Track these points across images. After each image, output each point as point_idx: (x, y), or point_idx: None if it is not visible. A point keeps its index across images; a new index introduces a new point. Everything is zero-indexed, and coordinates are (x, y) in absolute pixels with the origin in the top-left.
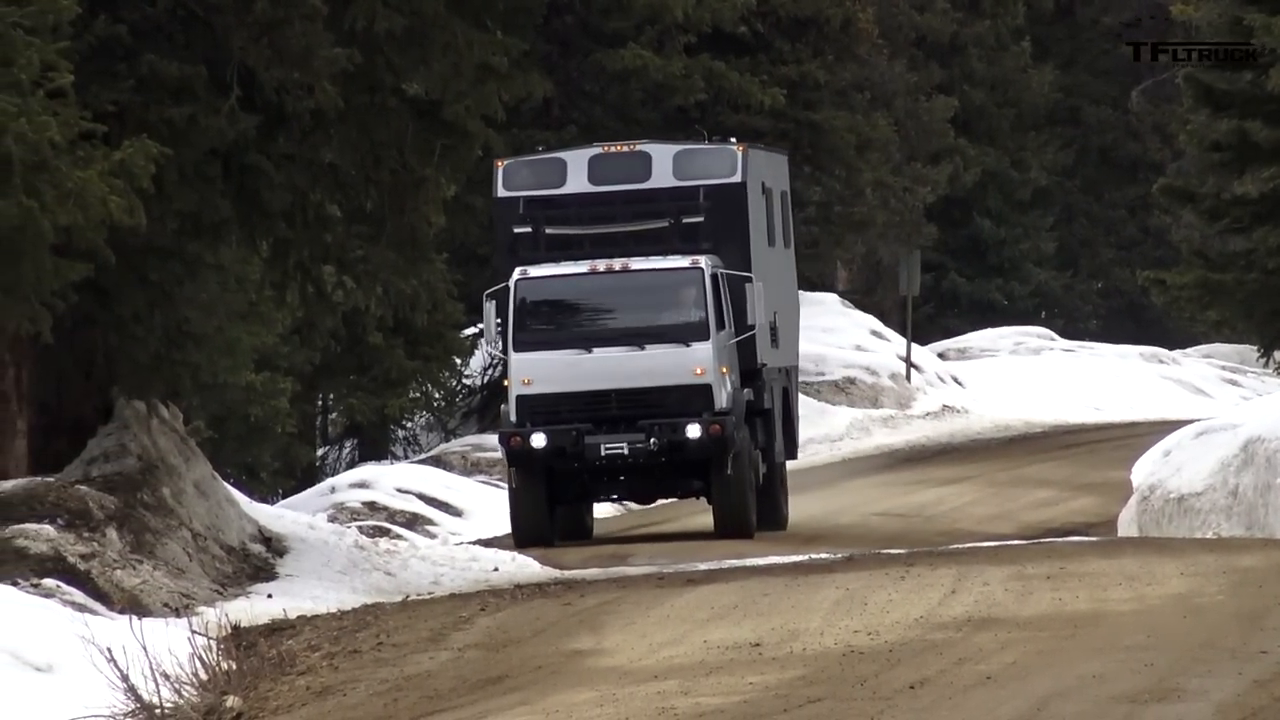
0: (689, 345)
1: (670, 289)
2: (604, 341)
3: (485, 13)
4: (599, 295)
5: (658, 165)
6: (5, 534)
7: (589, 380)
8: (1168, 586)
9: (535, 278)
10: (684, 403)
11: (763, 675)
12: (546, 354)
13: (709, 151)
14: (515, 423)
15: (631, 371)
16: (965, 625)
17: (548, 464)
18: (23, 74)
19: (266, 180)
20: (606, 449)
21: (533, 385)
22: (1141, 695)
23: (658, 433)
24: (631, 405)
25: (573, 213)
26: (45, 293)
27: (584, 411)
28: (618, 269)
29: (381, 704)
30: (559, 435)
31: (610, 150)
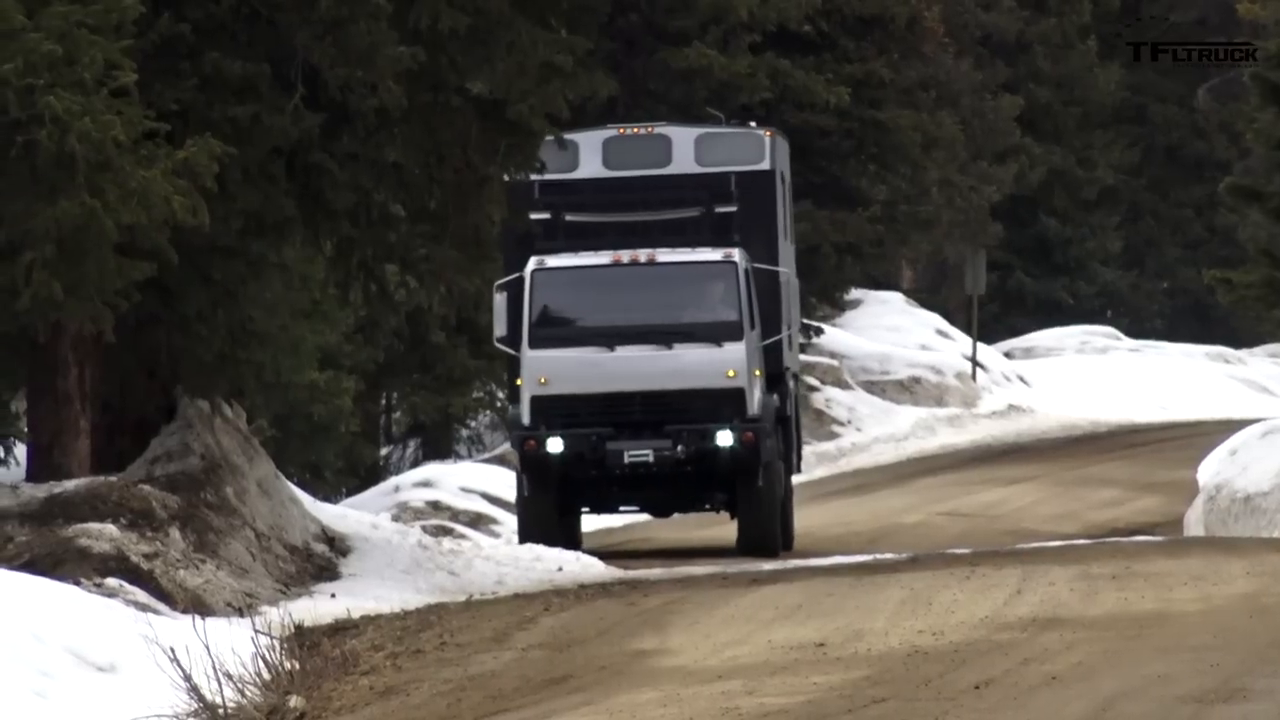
0: (721, 345)
1: (701, 284)
2: (628, 339)
3: (549, 11)
4: (623, 289)
5: (678, 149)
6: (68, 533)
7: (611, 381)
8: (1234, 586)
9: (553, 268)
10: (714, 408)
11: (827, 675)
12: (565, 351)
13: (734, 136)
14: (529, 425)
15: (657, 372)
16: (1031, 625)
17: (563, 471)
18: (86, 73)
19: (330, 179)
20: (630, 456)
21: (549, 385)
22: (1207, 696)
23: (685, 439)
24: (656, 409)
25: (588, 199)
26: (108, 292)
27: (605, 415)
28: (643, 261)
29: (445, 704)
30: (578, 440)
31: (626, 132)
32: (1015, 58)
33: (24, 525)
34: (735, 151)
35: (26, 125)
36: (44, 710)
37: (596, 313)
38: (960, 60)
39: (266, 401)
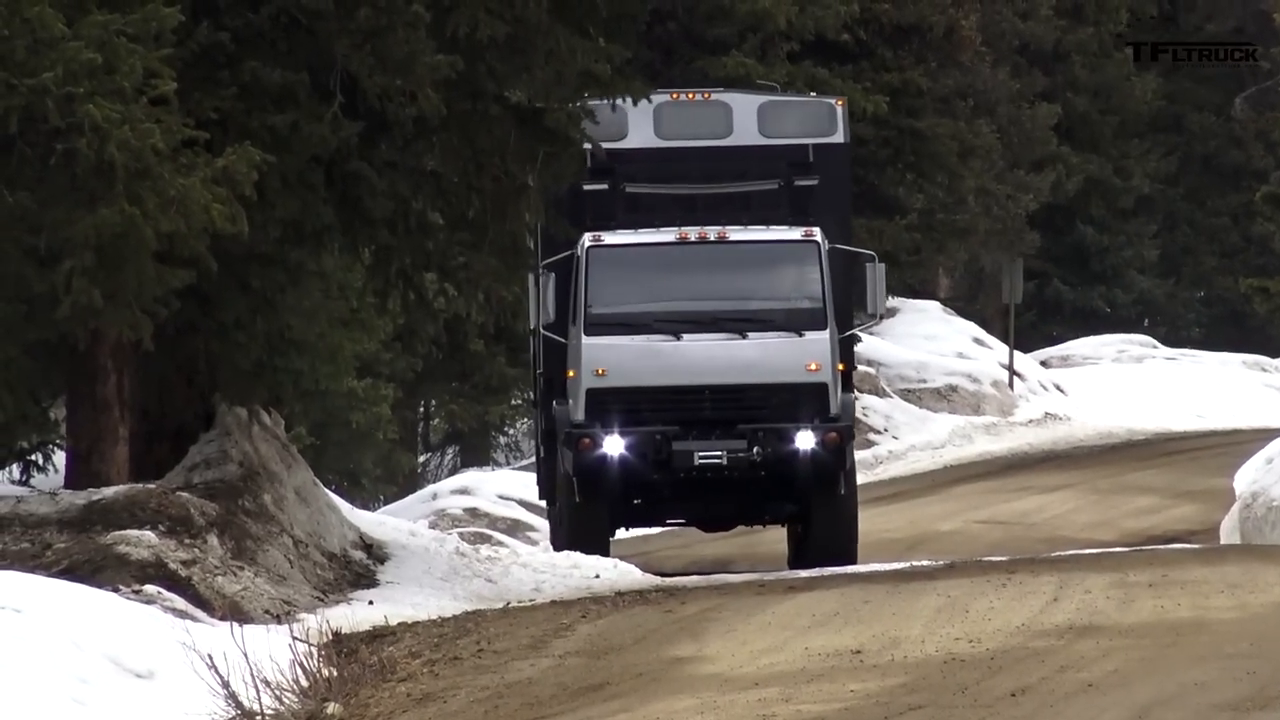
0: (801, 335)
1: (780, 265)
2: (696, 326)
3: (588, 20)
4: (690, 270)
5: (740, 119)
6: (107, 540)
7: (677, 373)
8: (1270, 594)
9: (612, 245)
10: (793, 405)
11: (864, 683)
12: (625, 340)
13: (802, 104)
14: (583, 422)
15: (730, 365)
16: (1067, 633)
17: (622, 475)
18: (125, 81)
19: (369, 187)
20: (700, 458)
21: (607, 377)
22: (1244, 704)
23: (762, 440)
24: (728, 406)
25: (639, 170)
26: (147, 300)
27: (670, 411)
28: (713, 239)
29: (482, 711)
30: (641, 439)
31: (681, 99)
32: (1052, 66)
33: (63, 532)
34: (804, 122)
35: (66, 133)
36: (83, 717)
37: (660, 296)
38: (997, 69)
39: (305, 409)
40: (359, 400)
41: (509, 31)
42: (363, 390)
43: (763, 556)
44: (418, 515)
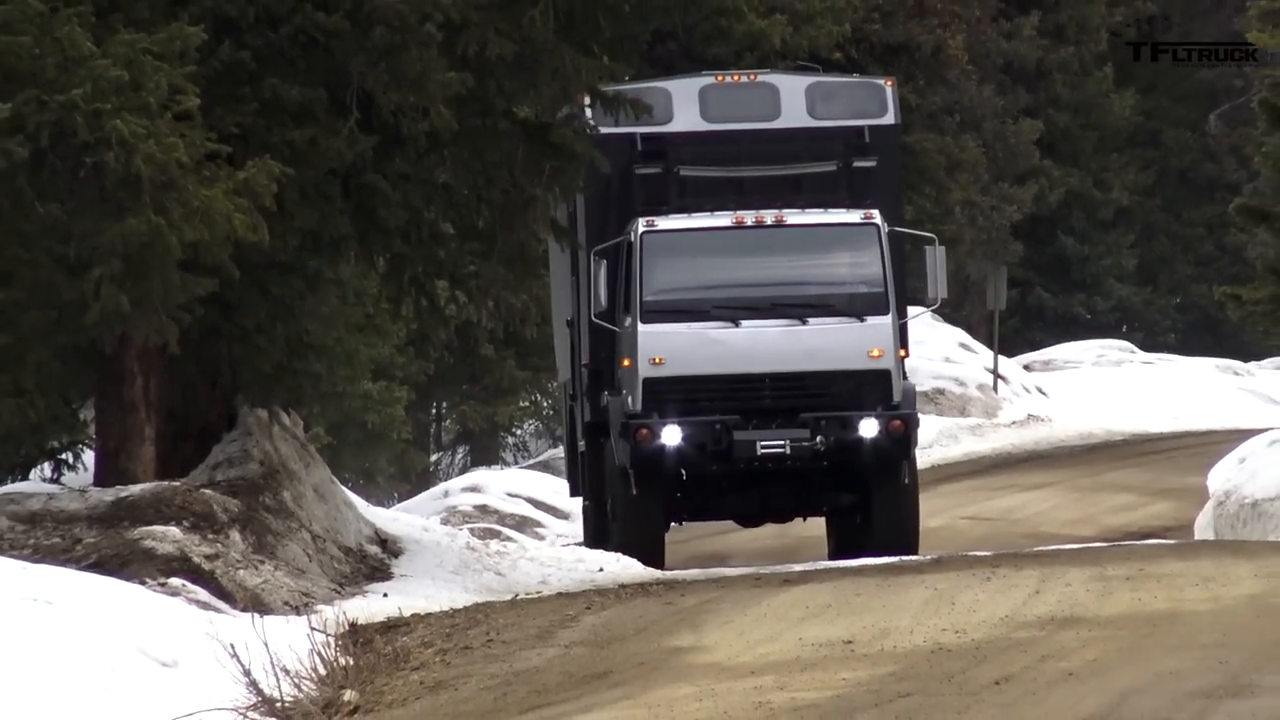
0: (864, 320)
1: (840, 248)
2: (755, 313)
3: (592, 39)
4: (749, 255)
5: (787, 100)
6: (134, 535)
7: (737, 361)
8: (1242, 587)
9: (667, 231)
10: (856, 392)
11: (855, 671)
12: (683, 327)
13: (851, 86)
14: (640, 412)
15: (790, 352)
16: (1048, 624)
17: (681, 465)
18: (151, 97)
19: (383, 199)
20: (763, 447)
21: (665, 365)
22: (1216, 691)
23: (825, 429)
24: (789, 394)
25: (687, 154)
26: (172, 306)
27: (729, 400)
28: (770, 222)
29: (491, 698)
30: (701, 429)
31: (726, 80)
32: (1035, 84)
33: (92, 527)
34: (854, 103)
35: (94, 147)
36: (111, 704)
37: (717, 282)
38: (983, 87)
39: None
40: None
41: (517, 50)
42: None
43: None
44: (430, 512)
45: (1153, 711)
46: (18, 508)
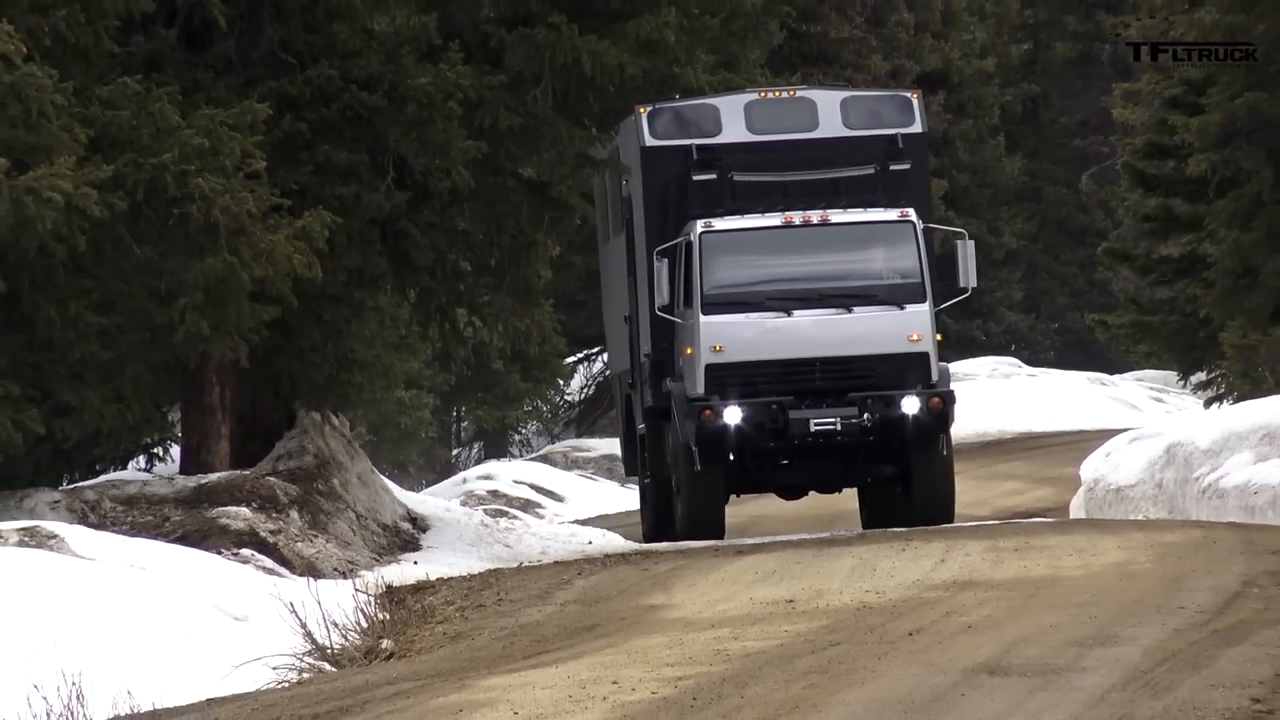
0: (903, 308)
1: (880, 244)
2: (806, 303)
3: (583, 114)
4: (796, 251)
5: (824, 113)
6: (212, 514)
7: (790, 347)
8: (1108, 557)
9: (723, 230)
10: (898, 373)
11: (795, 625)
12: (740, 317)
13: (882, 98)
14: (703, 395)
15: (838, 338)
16: (951, 586)
17: (741, 443)
18: (227, 160)
19: (414, 242)
20: (815, 425)
21: (724, 352)
22: (1087, 641)
23: (871, 406)
24: (839, 376)
25: (736, 163)
26: (243, 329)
27: (784, 383)
28: (816, 221)
29: (501, 646)
30: (759, 409)
31: (768, 96)
32: (941, 150)
33: (178, 508)
34: (884, 114)
35: (181, 201)
36: (194, 651)
37: (770, 276)
38: None
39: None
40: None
41: (522, 122)
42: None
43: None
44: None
45: (1036, 657)
46: (118, 492)
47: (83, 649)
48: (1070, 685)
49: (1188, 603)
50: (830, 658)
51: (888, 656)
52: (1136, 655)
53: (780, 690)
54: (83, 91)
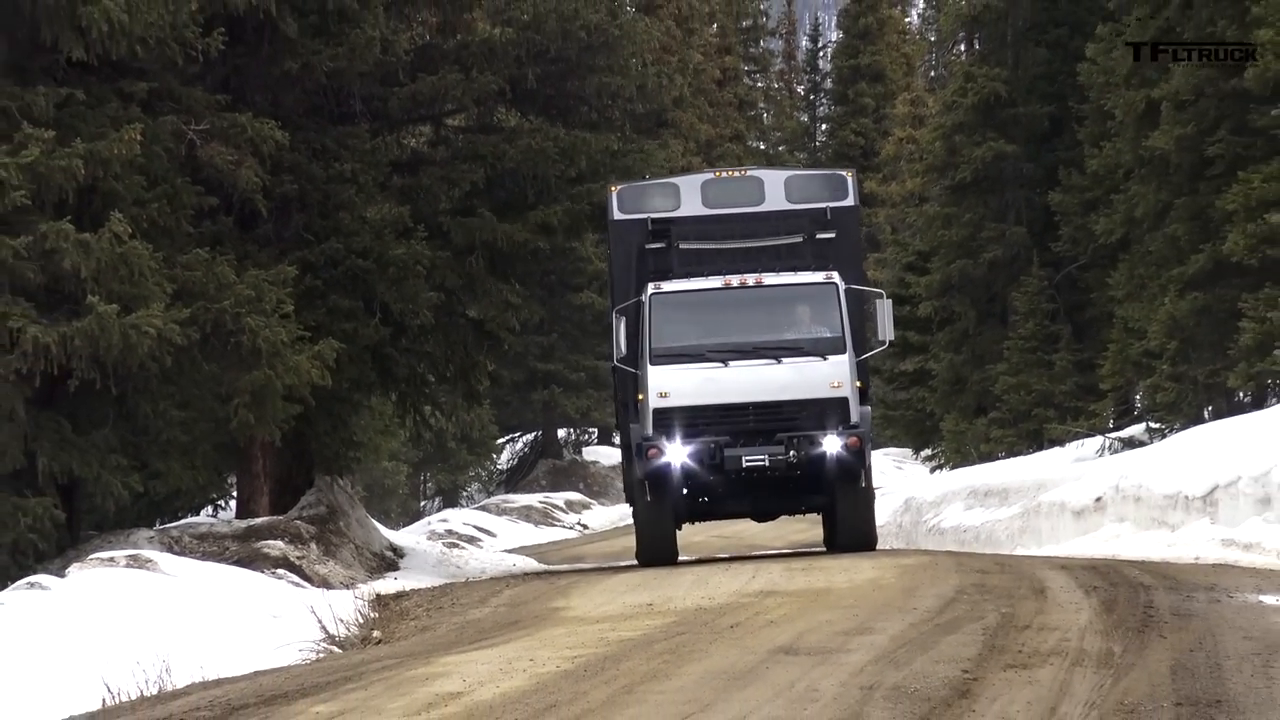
0: (826, 359)
1: (806, 303)
2: (740, 355)
3: (506, 273)
4: (733, 309)
5: (770, 189)
6: (257, 546)
7: (727, 393)
8: (865, 574)
9: (670, 292)
10: (820, 416)
11: (653, 621)
12: (684, 367)
13: (820, 177)
14: (650, 436)
15: (769, 385)
16: (759, 595)
17: (684, 476)
18: (267, 305)
19: (394, 362)
20: (747, 461)
21: (669, 398)
22: (852, 630)
23: (797, 445)
24: (768, 418)
25: (691, 232)
26: (277, 419)
27: (721, 424)
28: (751, 283)
29: (454, 635)
30: (700, 447)
31: (722, 175)
32: None
33: (234, 542)
34: (822, 189)
35: (236, 333)
36: (245, 638)
37: (710, 331)
38: None
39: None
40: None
41: (463, 281)
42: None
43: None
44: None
45: (817, 642)
46: (193, 531)
47: (169, 638)
48: (840, 661)
49: (919, 605)
50: (678, 643)
51: (716, 642)
52: (885, 641)
53: (644, 665)
54: (168, 259)
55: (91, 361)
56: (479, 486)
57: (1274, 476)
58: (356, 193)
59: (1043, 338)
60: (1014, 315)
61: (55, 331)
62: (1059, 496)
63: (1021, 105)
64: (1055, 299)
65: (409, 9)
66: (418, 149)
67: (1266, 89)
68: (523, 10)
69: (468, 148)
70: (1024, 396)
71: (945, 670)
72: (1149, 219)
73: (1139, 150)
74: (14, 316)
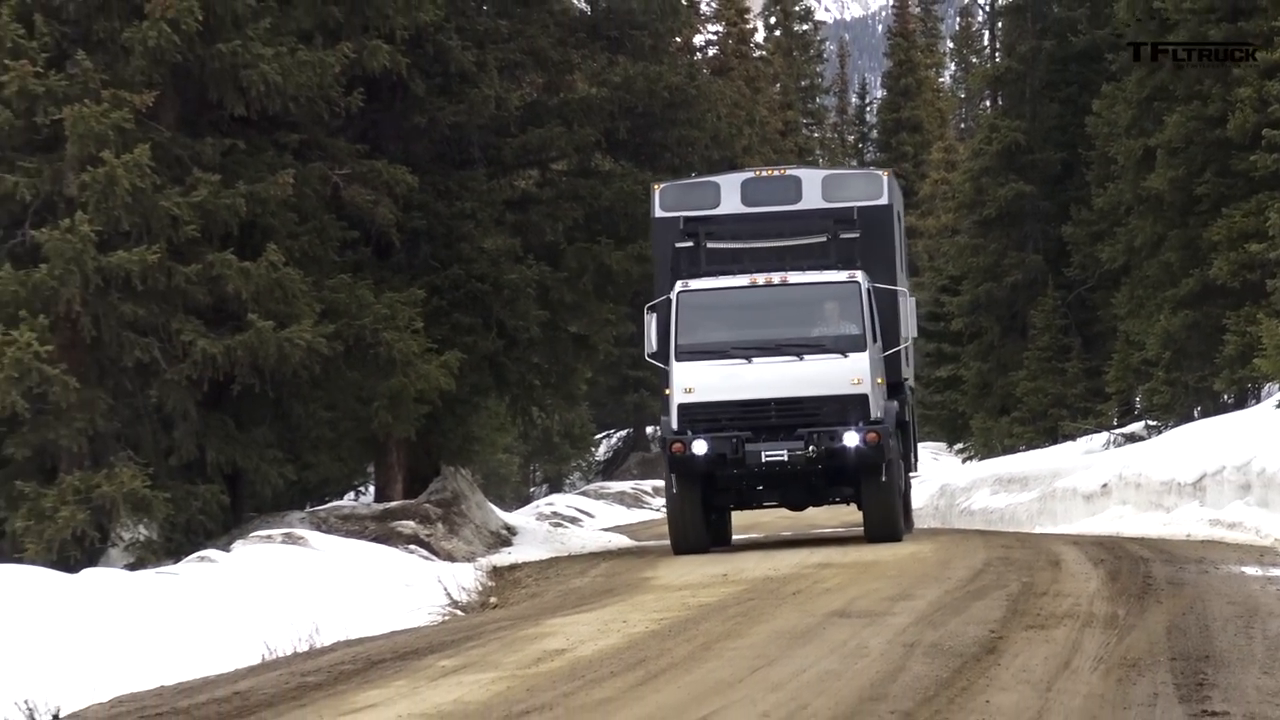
0: (846, 356)
1: (828, 302)
2: (764, 352)
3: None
4: (758, 307)
5: (807, 188)
6: (392, 525)
7: (749, 389)
8: (906, 550)
9: (697, 290)
10: (841, 412)
11: (727, 588)
12: (708, 363)
13: (857, 176)
14: (676, 430)
15: (790, 381)
16: (817, 566)
17: (708, 470)
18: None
19: (507, 370)
20: (767, 456)
21: (694, 393)
22: (896, 597)
23: (816, 440)
24: (790, 414)
25: (728, 230)
26: (410, 418)
27: (744, 419)
28: (776, 282)
29: (558, 600)
30: (720, 442)
31: (762, 174)
32: None
33: (373, 522)
34: (858, 188)
35: (374, 346)
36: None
37: (735, 329)
38: None
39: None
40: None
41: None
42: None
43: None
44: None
45: (866, 606)
46: (338, 513)
47: (318, 603)
48: (885, 623)
49: (953, 575)
50: (748, 607)
51: (781, 606)
52: (923, 605)
53: (720, 626)
54: (316, 282)
55: (251, 369)
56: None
57: (1254, 466)
58: (475, 227)
59: (1057, 349)
60: (1032, 330)
61: (221, 344)
62: (1071, 483)
63: (1038, 152)
64: (1067, 316)
65: (519, 71)
66: (527, 190)
67: (1245, 138)
68: (615, 74)
69: (569, 189)
70: (1041, 399)
71: (975, 630)
72: (1147, 248)
73: (1138, 190)
74: (186, 331)
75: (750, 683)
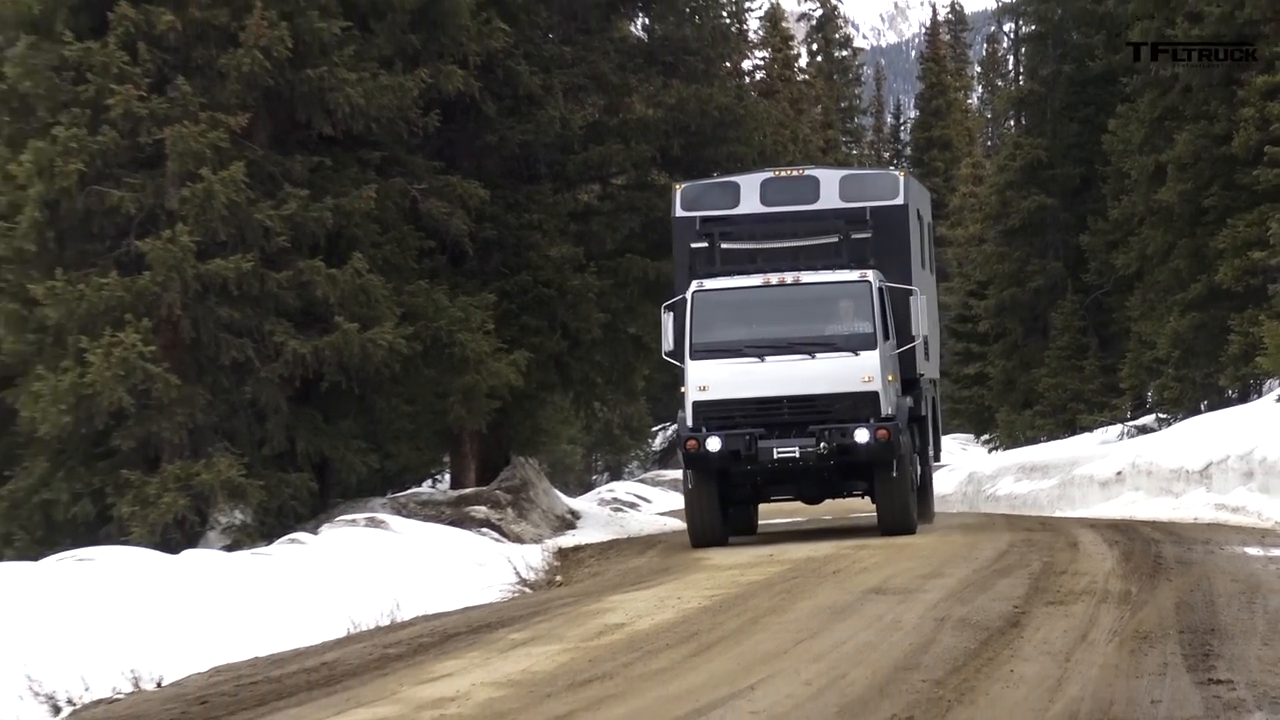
0: (858, 354)
1: (840, 301)
2: (776, 350)
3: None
4: (771, 306)
5: (825, 188)
6: (466, 510)
7: (762, 387)
8: (936, 532)
9: (711, 290)
10: (853, 409)
11: (773, 568)
12: (722, 362)
13: (874, 176)
14: (691, 427)
15: (803, 379)
16: (855, 548)
17: (722, 467)
18: (474, 324)
19: (571, 369)
20: (779, 453)
21: (708, 391)
22: (929, 574)
23: (828, 437)
24: (802, 411)
25: (745, 229)
26: (483, 412)
27: (757, 416)
28: (789, 281)
29: (619, 579)
30: (733, 439)
31: (780, 174)
32: None
33: (448, 507)
34: (874, 189)
35: (450, 346)
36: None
37: (749, 327)
38: None
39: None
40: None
41: (626, 305)
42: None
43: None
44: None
45: (900, 584)
46: (417, 499)
47: (399, 581)
48: (918, 599)
49: (980, 555)
50: (792, 585)
51: (822, 584)
52: (953, 583)
53: (766, 602)
54: (397, 288)
55: (338, 367)
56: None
57: (1256, 455)
58: (542, 237)
59: (1075, 348)
60: (1053, 330)
61: (310, 345)
62: (1089, 471)
63: (1058, 167)
64: (1085, 318)
65: (582, 94)
66: (589, 202)
67: (1249, 154)
68: (670, 96)
69: (628, 201)
70: (1061, 394)
71: (1000, 606)
72: (1158, 255)
73: (1150, 202)
74: (278, 333)
75: (794, 654)
